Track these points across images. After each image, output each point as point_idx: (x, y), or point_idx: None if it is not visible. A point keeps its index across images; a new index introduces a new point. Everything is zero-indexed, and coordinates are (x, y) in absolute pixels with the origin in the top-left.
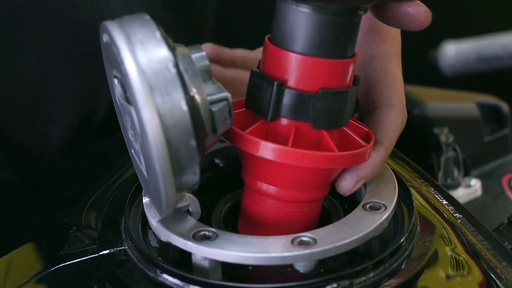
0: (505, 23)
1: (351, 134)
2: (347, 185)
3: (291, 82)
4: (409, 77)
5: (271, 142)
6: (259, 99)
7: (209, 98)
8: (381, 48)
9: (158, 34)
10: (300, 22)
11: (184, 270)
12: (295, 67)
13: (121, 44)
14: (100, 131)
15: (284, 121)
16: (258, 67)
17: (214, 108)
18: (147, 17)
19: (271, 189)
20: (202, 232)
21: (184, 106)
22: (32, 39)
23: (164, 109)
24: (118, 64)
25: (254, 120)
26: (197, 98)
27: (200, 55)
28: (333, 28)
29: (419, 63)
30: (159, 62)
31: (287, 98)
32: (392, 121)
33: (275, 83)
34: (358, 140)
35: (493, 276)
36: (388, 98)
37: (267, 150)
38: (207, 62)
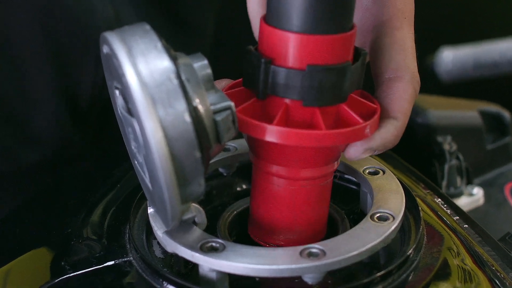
0: (503, 29)
1: (349, 111)
2: (355, 151)
3: (279, 59)
4: None
5: (252, 119)
6: (251, 76)
7: (212, 107)
8: (391, 13)
9: (159, 45)
10: None
11: (189, 281)
12: (280, 44)
13: (122, 56)
14: (85, 117)
15: (275, 98)
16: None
17: (218, 117)
18: (148, 27)
19: (265, 165)
20: (210, 244)
21: (187, 118)
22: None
23: (167, 121)
24: (119, 76)
25: (251, 98)
26: (200, 108)
27: (202, 63)
28: (314, 2)
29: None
30: (161, 74)
31: (275, 76)
32: (403, 93)
33: (262, 60)
34: (356, 117)
35: (501, 286)
36: (395, 68)
37: (250, 127)
38: (209, 70)
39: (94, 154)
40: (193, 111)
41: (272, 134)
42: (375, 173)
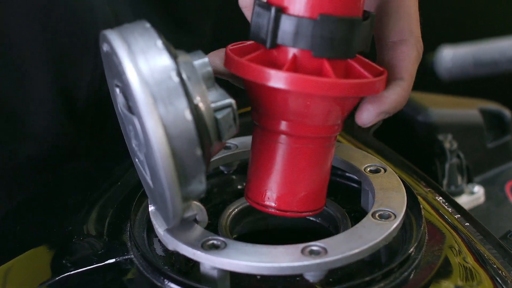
0: (503, 28)
1: (358, 67)
2: (368, 116)
3: (291, 8)
4: None
5: (261, 65)
6: (260, 27)
7: (213, 105)
8: None
9: (159, 43)
10: None
11: (190, 279)
12: None
13: (122, 54)
14: (83, 114)
15: (284, 48)
16: None
17: (219, 115)
18: (148, 25)
19: (268, 121)
20: (211, 241)
21: (188, 115)
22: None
23: (168, 119)
24: (119, 74)
25: (258, 50)
26: (201, 106)
27: (202, 61)
28: None
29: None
30: (161, 72)
31: (286, 24)
32: (407, 56)
33: (273, 9)
34: (364, 72)
35: (502, 285)
36: (400, 32)
37: (258, 73)
38: (209, 68)
39: (94, 152)
40: (194, 109)
41: (281, 80)
42: (377, 171)
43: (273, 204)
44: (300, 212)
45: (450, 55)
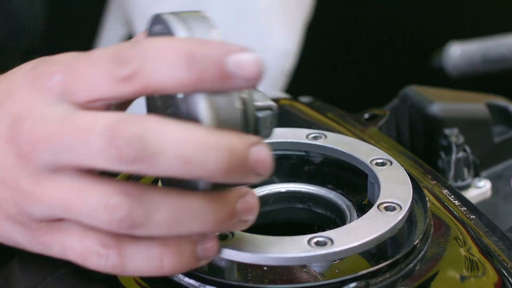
0: (511, 24)
1: None
2: None
3: None
4: (416, 78)
5: None
6: None
7: (256, 104)
8: None
9: (214, 32)
10: None
11: (199, 270)
12: None
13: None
14: None
15: None
16: None
17: (260, 114)
18: (204, 14)
19: None
20: (218, 232)
21: (238, 104)
22: None
23: (219, 103)
24: None
25: None
26: (248, 100)
27: None
28: None
29: (425, 64)
30: None
31: None
32: None
33: None
34: None
35: (508, 277)
36: None
37: None
38: None
39: None
40: (242, 101)
41: None
42: (383, 164)
43: None
44: None
45: (458, 52)
